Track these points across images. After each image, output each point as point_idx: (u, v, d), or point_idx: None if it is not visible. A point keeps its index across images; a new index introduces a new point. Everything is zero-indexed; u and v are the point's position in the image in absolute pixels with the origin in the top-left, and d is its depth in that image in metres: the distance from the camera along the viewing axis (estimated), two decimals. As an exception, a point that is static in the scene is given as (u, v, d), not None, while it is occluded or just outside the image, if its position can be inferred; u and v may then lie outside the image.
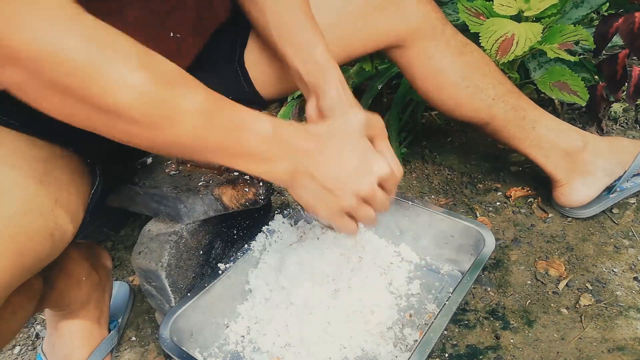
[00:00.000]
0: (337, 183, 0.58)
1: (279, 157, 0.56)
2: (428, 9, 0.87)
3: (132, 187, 0.81)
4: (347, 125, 0.61)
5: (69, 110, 0.46)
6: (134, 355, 0.87)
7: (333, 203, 0.60)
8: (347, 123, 0.61)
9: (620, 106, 1.30)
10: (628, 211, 1.02)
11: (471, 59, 0.91)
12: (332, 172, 0.58)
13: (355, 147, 0.60)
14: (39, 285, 0.62)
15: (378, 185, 0.61)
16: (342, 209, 0.61)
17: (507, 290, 0.89)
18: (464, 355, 0.79)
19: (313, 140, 0.57)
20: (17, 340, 0.94)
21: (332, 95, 0.71)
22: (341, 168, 0.58)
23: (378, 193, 0.61)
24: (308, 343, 0.76)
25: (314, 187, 0.58)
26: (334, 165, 0.58)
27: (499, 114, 0.94)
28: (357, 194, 0.60)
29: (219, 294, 0.82)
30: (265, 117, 0.55)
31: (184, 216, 0.79)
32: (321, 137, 0.58)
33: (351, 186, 0.59)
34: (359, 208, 0.61)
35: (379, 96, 1.39)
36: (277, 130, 0.55)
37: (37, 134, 0.59)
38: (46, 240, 0.54)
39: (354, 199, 0.60)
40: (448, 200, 1.12)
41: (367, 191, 0.60)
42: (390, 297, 0.84)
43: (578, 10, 1.15)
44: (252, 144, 0.54)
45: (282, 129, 0.55)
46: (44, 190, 0.56)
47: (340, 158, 0.58)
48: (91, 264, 0.81)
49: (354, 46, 0.88)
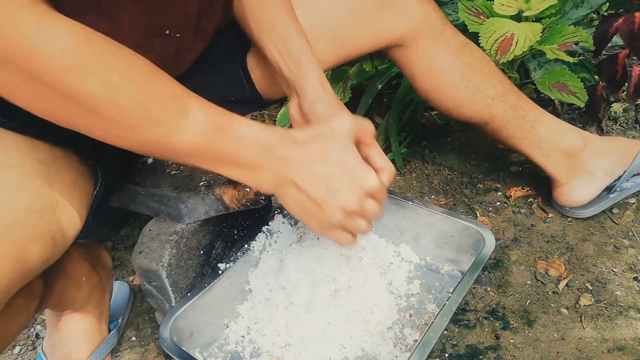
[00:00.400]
0: (322, 196, 0.57)
1: (264, 165, 0.54)
2: (428, 9, 0.87)
3: (133, 187, 0.81)
4: (333, 131, 0.59)
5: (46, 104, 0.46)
6: (134, 355, 0.87)
7: (320, 217, 0.58)
8: (334, 129, 0.59)
9: (620, 106, 1.30)
10: (628, 211, 1.02)
11: (471, 59, 0.91)
12: (317, 183, 0.56)
13: (342, 157, 0.58)
14: (39, 287, 0.62)
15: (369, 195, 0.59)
16: (330, 223, 0.59)
17: (507, 290, 0.89)
18: (464, 355, 0.79)
19: (298, 149, 0.56)
20: (17, 340, 0.94)
21: (311, 94, 0.70)
22: (327, 180, 0.56)
23: (367, 205, 0.59)
24: (308, 343, 0.76)
25: (300, 197, 0.57)
26: (319, 176, 0.56)
27: (498, 114, 0.94)
28: (344, 209, 0.58)
29: (219, 294, 0.82)
30: (251, 123, 0.54)
31: (184, 216, 0.79)
32: (306, 145, 0.56)
33: (337, 201, 0.57)
34: (349, 222, 0.60)
35: (379, 96, 1.39)
36: (261, 138, 0.54)
37: (38, 135, 0.59)
38: (48, 243, 0.54)
39: (341, 214, 0.58)
40: (448, 200, 1.12)
41: (354, 206, 0.58)
42: (390, 297, 0.84)
43: (578, 11, 1.15)
44: (236, 151, 0.53)
45: (268, 136, 0.54)
46: (46, 193, 0.55)
47: (326, 168, 0.57)
48: (91, 264, 0.81)
49: (355, 46, 0.88)
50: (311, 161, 0.56)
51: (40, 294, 0.62)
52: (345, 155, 0.58)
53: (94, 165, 0.67)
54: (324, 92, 0.70)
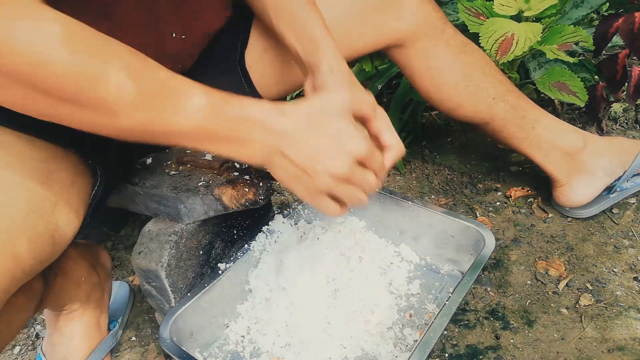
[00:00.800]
0: (309, 163, 0.55)
1: (251, 138, 0.54)
2: (428, 9, 0.87)
3: (132, 187, 0.81)
4: (327, 104, 0.58)
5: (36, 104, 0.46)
6: (134, 355, 0.87)
7: (308, 183, 0.57)
8: (328, 101, 0.58)
9: (620, 106, 1.30)
10: (628, 211, 1.02)
11: (471, 59, 0.91)
12: (306, 151, 0.55)
13: (331, 125, 0.56)
14: (39, 286, 0.62)
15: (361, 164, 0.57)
16: (317, 189, 0.57)
17: (507, 290, 0.89)
18: (464, 355, 0.79)
19: (286, 120, 0.55)
20: (17, 340, 0.94)
21: (323, 70, 0.69)
22: (314, 146, 0.55)
23: (357, 173, 0.57)
24: (308, 343, 0.76)
25: (289, 166, 0.56)
26: (307, 145, 0.55)
27: (498, 114, 0.94)
28: (332, 174, 0.56)
29: (219, 294, 0.82)
30: (236, 98, 0.53)
31: (184, 216, 0.79)
32: (297, 116, 0.56)
33: (324, 166, 0.56)
34: (338, 188, 0.58)
35: (379, 96, 1.39)
36: (247, 112, 0.53)
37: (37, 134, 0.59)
38: (47, 243, 0.54)
39: (328, 179, 0.56)
40: (448, 200, 1.12)
41: (342, 170, 0.56)
42: (390, 297, 0.84)
43: (578, 10, 1.15)
44: (222, 126, 0.52)
45: (254, 109, 0.53)
46: (45, 192, 0.55)
47: (315, 137, 0.55)
48: (90, 263, 0.81)
49: (355, 46, 0.88)
50: (299, 130, 0.55)
51: (40, 293, 0.63)
52: (336, 124, 0.57)
53: (94, 165, 0.67)
54: (337, 66, 0.69)
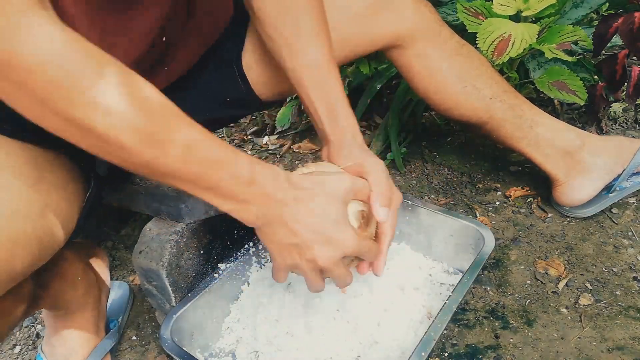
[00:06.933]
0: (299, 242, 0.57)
1: (251, 201, 0.55)
2: (424, 10, 0.88)
3: (133, 187, 0.81)
4: (331, 185, 0.59)
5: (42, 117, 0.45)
6: (134, 355, 0.88)
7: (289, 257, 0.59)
8: (332, 184, 0.60)
9: (620, 106, 1.30)
10: (627, 211, 1.02)
11: (467, 60, 0.92)
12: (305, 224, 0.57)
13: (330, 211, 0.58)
14: (28, 289, 0.61)
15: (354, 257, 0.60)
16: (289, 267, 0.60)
17: (506, 290, 0.89)
18: (463, 354, 0.79)
19: (291, 192, 0.57)
20: (18, 340, 0.94)
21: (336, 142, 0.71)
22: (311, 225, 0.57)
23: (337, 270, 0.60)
24: (309, 342, 0.77)
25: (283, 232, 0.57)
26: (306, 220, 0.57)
27: (496, 114, 0.95)
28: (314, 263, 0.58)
29: (219, 294, 0.82)
30: (247, 159, 0.54)
31: (185, 216, 0.79)
32: (302, 190, 0.57)
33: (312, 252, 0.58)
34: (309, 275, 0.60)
35: (378, 96, 1.39)
36: (255, 176, 0.54)
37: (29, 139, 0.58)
38: (34, 246, 0.53)
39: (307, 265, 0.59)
40: (448, 200, 1.13)
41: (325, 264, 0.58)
42: (390, 296, 0.84)
43: (577, 10, 1.15)
44: (226, 184, 0.53)
45: (261, 175, 0.55)
46: (34, 195, 0.54)
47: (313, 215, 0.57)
48: (86, 263, 0.81)
49: (352, 47, 0.88)
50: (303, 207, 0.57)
51: (29, 296, 0.61)
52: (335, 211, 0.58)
53: (87, 169, 0.67)
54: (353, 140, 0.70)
